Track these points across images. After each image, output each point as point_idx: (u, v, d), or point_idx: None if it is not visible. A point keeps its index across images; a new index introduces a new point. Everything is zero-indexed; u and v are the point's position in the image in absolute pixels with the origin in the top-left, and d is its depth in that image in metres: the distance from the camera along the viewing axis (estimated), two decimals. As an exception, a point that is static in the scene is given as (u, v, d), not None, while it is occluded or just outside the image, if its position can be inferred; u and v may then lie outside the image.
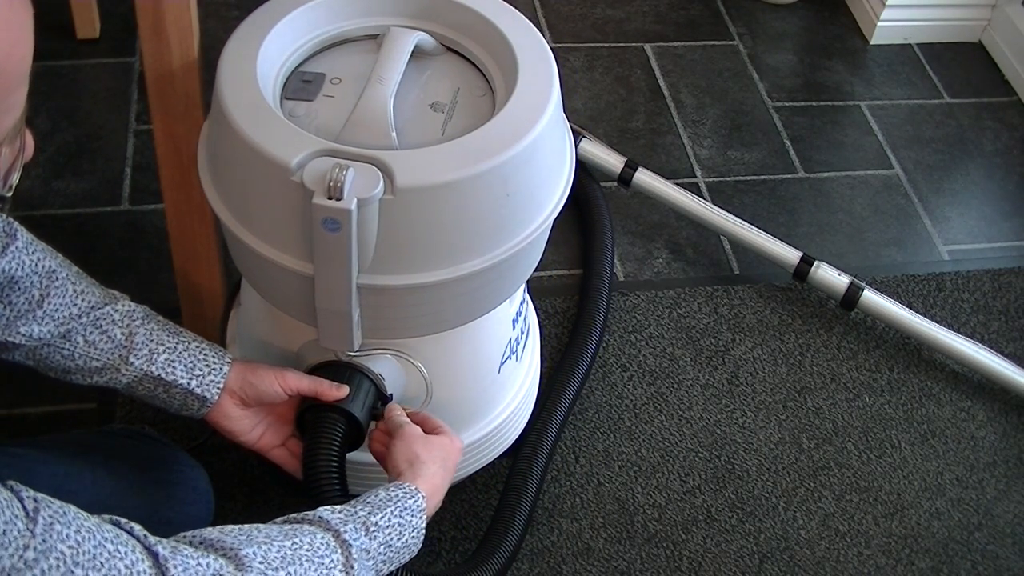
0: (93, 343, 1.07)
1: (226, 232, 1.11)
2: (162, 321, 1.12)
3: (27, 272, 1.05)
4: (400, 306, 1.08)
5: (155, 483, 1.17)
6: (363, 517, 0.96)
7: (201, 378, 1.10)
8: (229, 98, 1.03)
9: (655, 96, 2.07)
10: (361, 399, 1.13)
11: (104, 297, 1.10)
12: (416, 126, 1.07)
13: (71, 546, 0.77)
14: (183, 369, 1.09)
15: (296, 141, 1.00)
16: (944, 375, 1.66)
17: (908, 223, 1.91)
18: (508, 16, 1.14)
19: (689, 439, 1.53)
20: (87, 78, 1.92)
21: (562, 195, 1.13)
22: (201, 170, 1.11)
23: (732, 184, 1.92)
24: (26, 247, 1.06)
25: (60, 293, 1.07)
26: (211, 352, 1.11)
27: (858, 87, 2.16)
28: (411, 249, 1.03)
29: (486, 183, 1.01)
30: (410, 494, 1.01)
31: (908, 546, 1.46)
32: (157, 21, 1.09)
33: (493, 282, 1.12)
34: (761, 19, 2.29)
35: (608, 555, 1.39)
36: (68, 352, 1.07)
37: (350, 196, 0.95)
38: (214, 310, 1.39)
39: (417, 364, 1.17)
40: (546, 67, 1.10)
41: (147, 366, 1.08)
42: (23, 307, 1.05)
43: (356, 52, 1.15)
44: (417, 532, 1.00)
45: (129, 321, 1.09)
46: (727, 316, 1.69)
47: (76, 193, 1.73)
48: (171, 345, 1.09)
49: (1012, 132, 2.11)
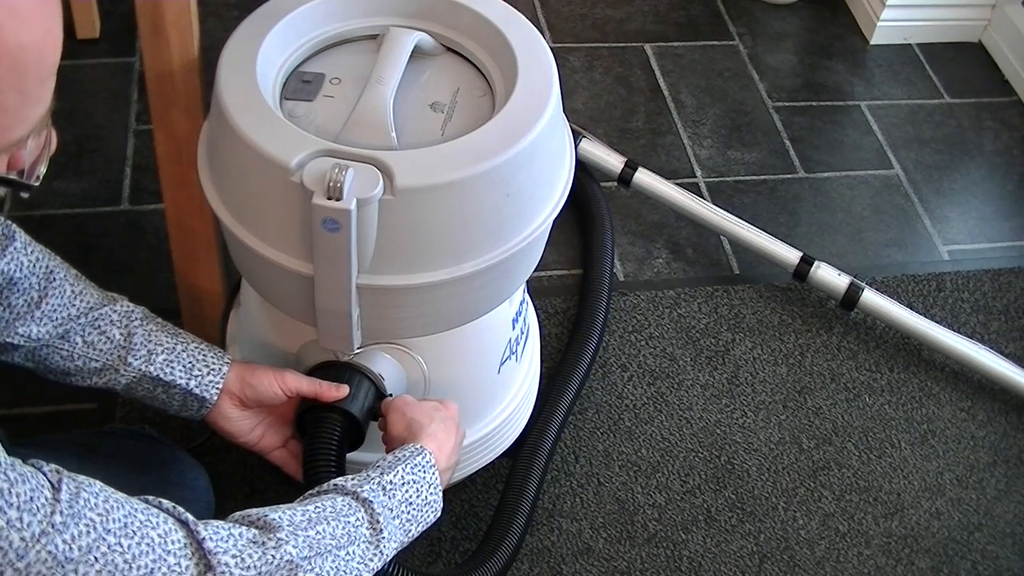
0: (92, 344, 1.08)
1: (226, 233, 1.11)
2: (161, 322, 1.12)
3: (25, 273, 1.06)
4: (400, 306, 1.08)
5: (155, 484, 1.16)
6: (376, 478, 0.97)
7: (200, 378, 1.10)
8: (229, 98, 1.03)
9: (655, 96, 2.07)
10: (361, 399, 1.13)
11: (102, 298, 1.10)
12: (416, 126, 1.07)
13: (100, 513, 0.78)
14: (182, 369, 1.09)
15: (296, 141, 1.00)
16: (944, 375, 1.66)
17: (908, 223, 1.91)
18: (507, 16, 1.14)
19: (689, 439, 1.53)
20: (87, 78, 1.92)
21: (562, 195, 1.13)
22: (201, 171, 1.11)
23: (732, 184, 1.92)
24: (24, 248, 1.06)
25: (58, 294, 1.07)
26: (210, 353, 1.12)
27: (858, 87, 2.16)
28: (411, 249, 1.03)
29: (486, 183, 1.01)
30: (417, 451, 1.02)
31: (908, 546, 1.46)
32: (157, 21, 1.09)
33: (493, 282, 1.12)
34: (761, 19, 2.29)
35: (608, 555, 1.39)
36: (67, 353, 1.07)
37: (349, 196, 0.96)
38: (214, 310, 1.39)
39: (417, 358, 1.17)
40: (546, 67, 1.10)
41: (145, 367, 1.08)
42: (22, 308, 1.05)
43: (355, 52, 1.15)
44: (434, 488, 1.01)
45: (127, 322, 1.09)
46: (727, 316, 1.69)
47: (76, 193, 1.73)
48: (170, 346, 1.10)
49: (1012, 132, 2.11)
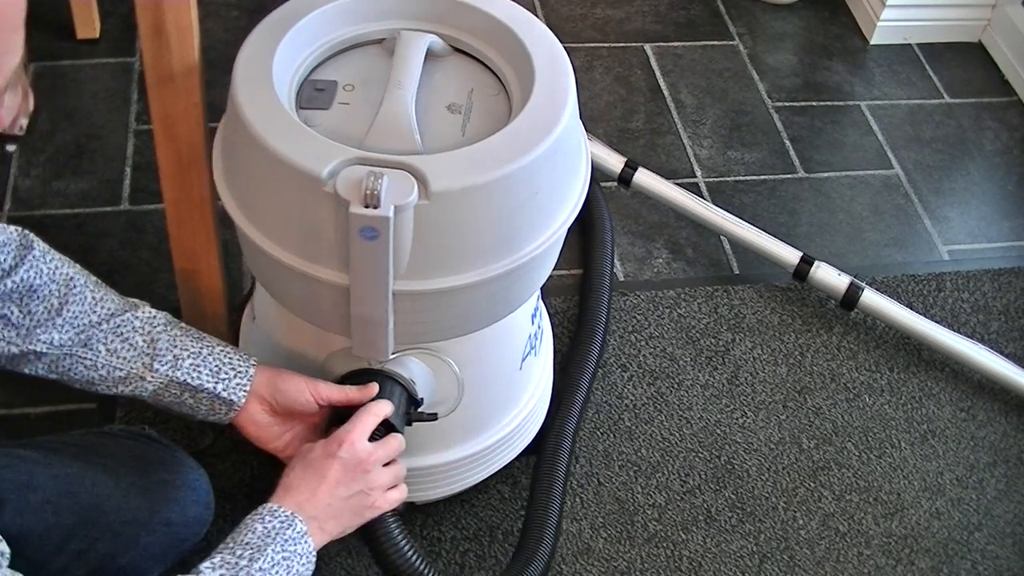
0: (115, 351, 1.07)
1: (250, 247, 1.10)
2: (184, 327, 1.11)
3: (45, 280, 1.05)
4: (433, 310, 1.09)
5: (155, 485, 1.16)
6: (246, 567, 0.95)
7: (227, 381, 1.09)
8: (251, 113, 1.02)
9: (655, 96, 2.07)
10: (395, 405, 1.12)
11: (124, 304, 1.10)
12: (435, 129, 1.07)
13: None
14: (208, 373, 1.09)
15: (325, 151, 1.00)
16: (944, 375, 1.66)
17: (908, 223, 1.91)
18: (517, 15, 1.15)
19: (689, 439, 1.53)
20: (87, 78, 1.92)
21: (583, 188, 1.14)
22: (220, 187, 1.11)
23: (732, 184, 1.92)
24: (43, 256, 1.06)
25: (79, 300, 1.07)
26: (235, 356, 1.11)
27: (858, 87, 2.16)
28: (446, 252, 1.03)
29: (516, 182, 1.02)
30: (287, 523, 0.99)
31: (908, 546, 1.46)
32: (157, 21, 1.09)
33: (522, 280, 1.13)
34: (761, 19, 2.29)
35: (608, 555, 1.39)
36: (91, 362, 1.07)
37: (387, 203, 0.95)
38: (214, 310, 1.39)
39: (448, 361, 1.18)
40: (561, 62, 1.12)
41: (172, 372, 1.08)
42: (42, 316, 1.05)
43: (363, 57, 1.15)
44: (306, 559, 0.99)
45: (150, 328, 1.09)
46: (727, 316, 1.69)
47: (76, 193, 1.73)
48: (195, 350, 1.09)
49: (1012, 132, 2.11)
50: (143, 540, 1.14)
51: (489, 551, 1.38)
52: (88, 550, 1.12)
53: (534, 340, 1.32)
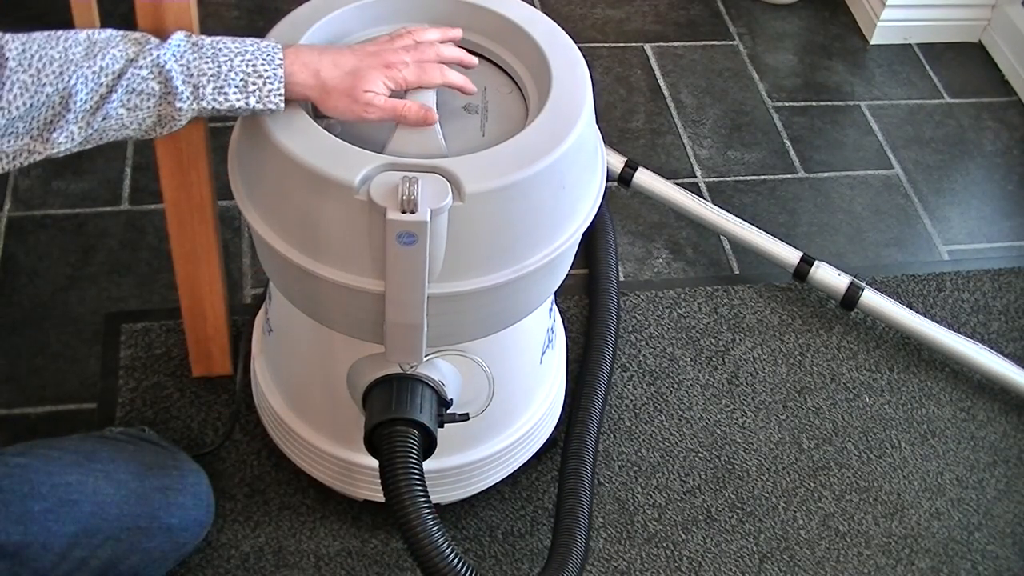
0: (135, 107, 0.99)
1: (275, 258, 1.08)
2: (197, 45, 1.00)
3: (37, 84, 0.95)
4: (466, 311, 1.09)
5: (156, 490, 1.16)
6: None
7: (258, 92, 1.01)
8: (274, 122, 1.01)
9: (655, 96, 2.07)
10: (427, 409, 1.12)
11: (125, 51, 0.99)
12: (455, 130, 1.08)
13: None
14: (235, 91, 1.00)
15: (355, 158, 0.99)
16: (944, 375, 1.66)
17: (908, 223, 1.91)
18: (527, 14, 1.16)
19: (689, 439, 1.53)
20: (87, 78, 1.92)
21: (602, 181, 1.15)
22: (241, 203, 1.09)
23: (732, 184, 1.92)
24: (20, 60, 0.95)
25: (80, 88, 0.97)
26: (260, 60, 1.01)
27: (858, 87, 2.16)
28: (479, 253, 1.04)
29: (546, 179, 1.03)
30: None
31: (908, 546, 1.46)
32: (157, 21, 1.09)
33: (548, 275, 1.14)
34: (761, 19, 2.29)
35: (608, 555, 1.39)
36: (117, 125, 0.99)
37: (424, 208, 0.95)
38: (214, 310, 1.39)
39: (477, 359, 1.18)
40: (575, 59, 1.13)
41: (196, 104, 1.00)
42: (48, 116, 0.96)
43: None
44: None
45: (159, 71, 0.99)
46: (727, 316, 1.69)
47: (76, 193, 1.73)
48: (213, 72, 1.00)
49: (1012, 132, 2.11)
50: (144, 545, 1.15)
51: (489, 551, 1.38)
52: (90, 557, 1.12)
53: (551, 333, 1.34)
